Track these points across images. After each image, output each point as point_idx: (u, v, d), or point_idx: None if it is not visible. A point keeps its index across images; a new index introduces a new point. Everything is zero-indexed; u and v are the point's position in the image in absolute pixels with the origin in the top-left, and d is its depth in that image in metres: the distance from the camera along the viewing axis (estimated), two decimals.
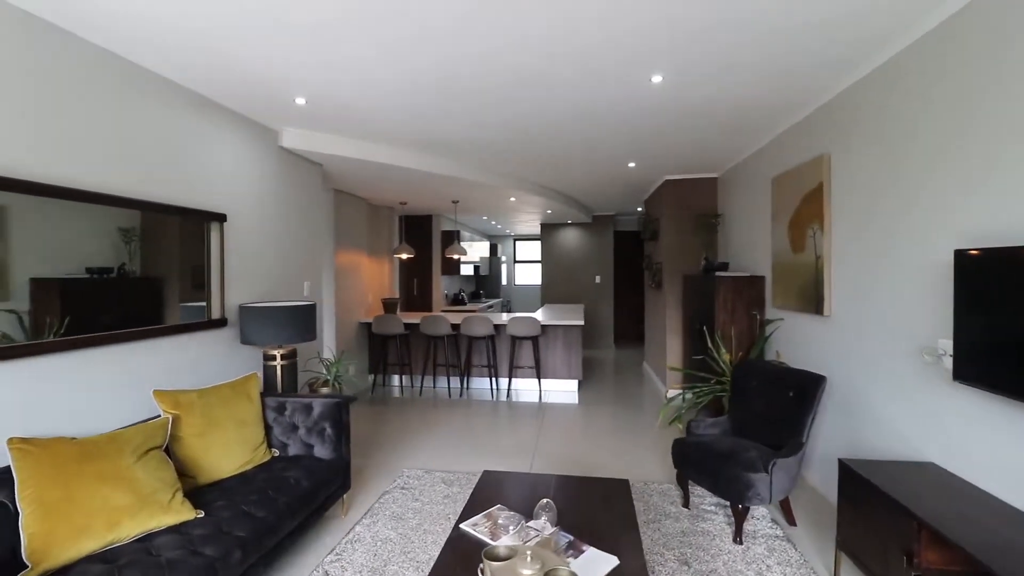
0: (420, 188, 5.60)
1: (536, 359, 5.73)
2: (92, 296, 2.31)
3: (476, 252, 10.93)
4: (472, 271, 10.97)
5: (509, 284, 12.73)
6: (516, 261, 12.70)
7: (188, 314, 2.86)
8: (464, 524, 1.93)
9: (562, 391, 5.82)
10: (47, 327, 2.09)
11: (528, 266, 12.61)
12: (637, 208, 7.95)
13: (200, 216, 2.90)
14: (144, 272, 2.58)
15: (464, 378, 5.98)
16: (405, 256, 6.64)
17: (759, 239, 4.18)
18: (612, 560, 1.69)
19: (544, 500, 1.93)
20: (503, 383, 5.94)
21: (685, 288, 5.27)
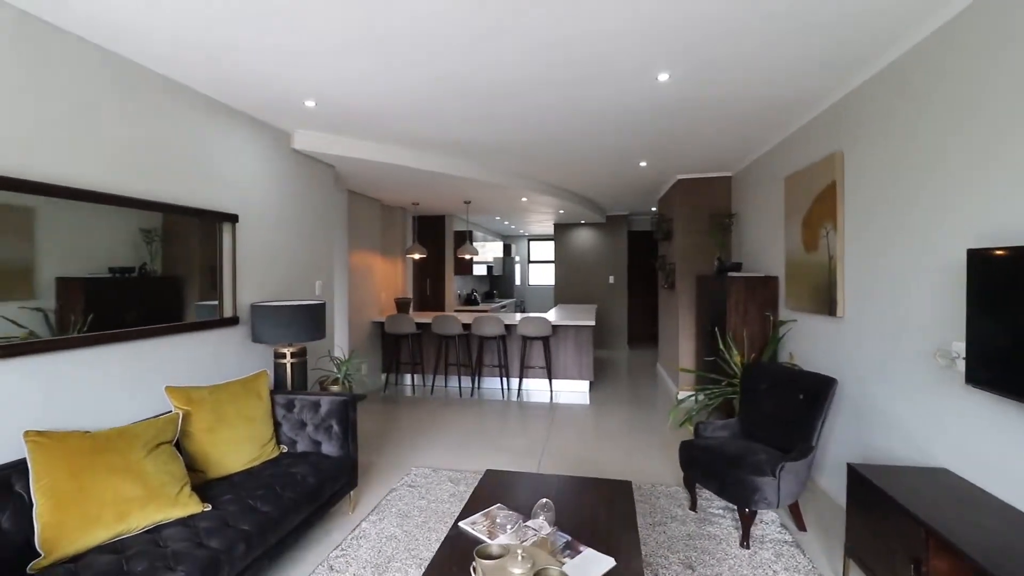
0: (432, 188, 5.64)
1: (547, 359, 5.72)
2: (114, 294, 2.39)
3: (490, 252, 10.94)
4: (485, 271, 10.98)
5: (523, 284, 12.71)
6: (530, 261, 12.67)
7: (203, 313, 2.93)
8: (463, 523, 1.94)
9: (573, 392, 5.80)
10: (71, 324, 2.17)
11: (542, 266, 12.57)
12: (651, 208, 7.87)
13: (213, 217, 2.97)
14: (164, 272, 2.66)
15: (475, 378, 6.00)
16: (418, 256, 6.69)
17: (772, 239, 4.11)
18: (609, 561, 1.68)
19: (543, 500, 1.92)
20: (514, 383, 5.94)
21: (699, 289, 5.19)
